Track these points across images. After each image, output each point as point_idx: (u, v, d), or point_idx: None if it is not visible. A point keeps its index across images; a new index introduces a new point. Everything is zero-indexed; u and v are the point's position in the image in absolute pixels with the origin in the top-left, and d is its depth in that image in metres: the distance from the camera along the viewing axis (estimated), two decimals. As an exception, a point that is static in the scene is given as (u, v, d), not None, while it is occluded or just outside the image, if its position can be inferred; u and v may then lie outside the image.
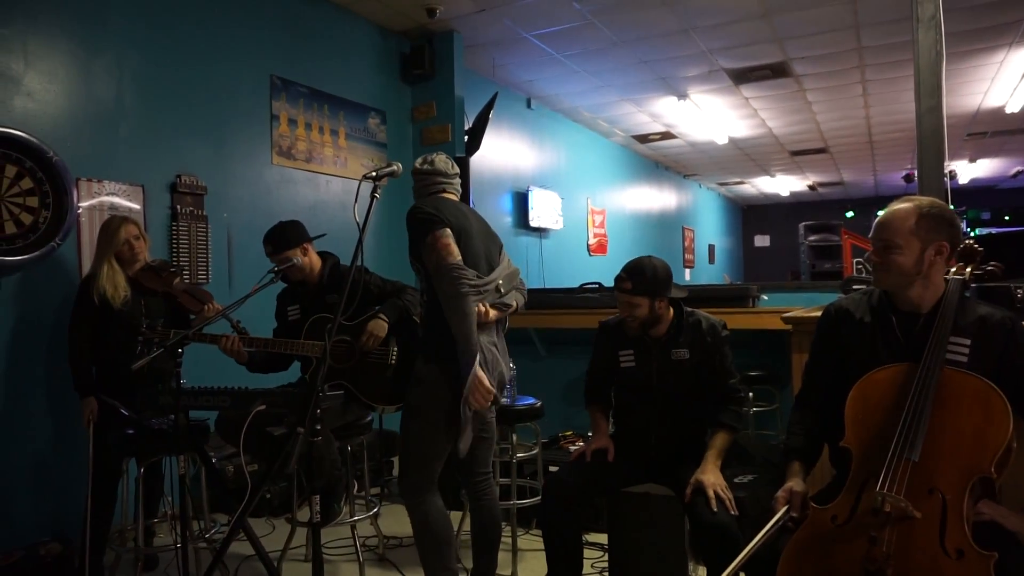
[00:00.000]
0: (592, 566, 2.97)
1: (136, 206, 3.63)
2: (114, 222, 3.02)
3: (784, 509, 1.73)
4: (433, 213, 2.29)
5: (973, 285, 2.07)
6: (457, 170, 2.52)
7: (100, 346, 2.95)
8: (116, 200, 3.55)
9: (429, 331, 2.35)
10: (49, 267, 3.26)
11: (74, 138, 3.38)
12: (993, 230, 10.61)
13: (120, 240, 2.96)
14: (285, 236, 2.90)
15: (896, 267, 1.72)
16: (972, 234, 10.04)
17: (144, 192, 3.68)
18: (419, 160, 2.49)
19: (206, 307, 2.95)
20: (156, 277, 2.97)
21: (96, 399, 2.90)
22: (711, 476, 2.25)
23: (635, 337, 2.48)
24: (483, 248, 2.41)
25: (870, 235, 1.80)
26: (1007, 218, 12.46)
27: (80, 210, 3.37)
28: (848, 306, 1.90)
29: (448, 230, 2.27)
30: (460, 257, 2.25)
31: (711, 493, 2.18)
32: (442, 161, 2.47)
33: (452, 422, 2.27)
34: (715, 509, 2.16)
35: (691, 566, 2.44)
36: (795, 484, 1.79)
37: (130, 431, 2.70)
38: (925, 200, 1.75)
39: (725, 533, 2.10)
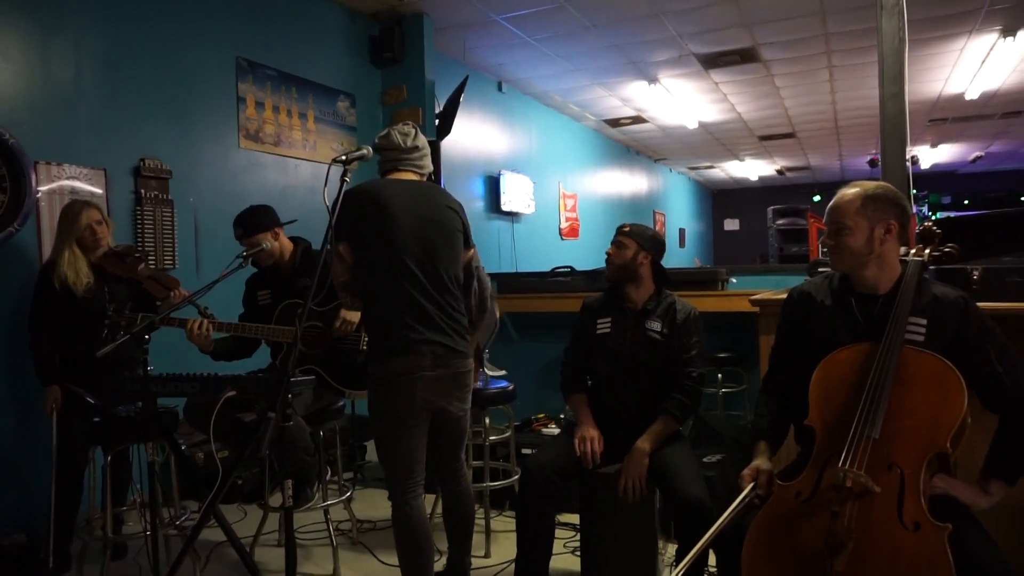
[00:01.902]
0: (564, 545, 3.02)
1: (98, 190, 3.55)
2: (75, 207, 2.95)
3: (751, 487, 1.78)
4: (339, 214, 2.09)
5: (932, 267, 2.13)
6: (419, 143, 2.33)
7: (63, 334, 2.89)
8: (77, 184, 3.46)
9: (367, 329, 2.33)
10: (7, 253, 3.18)
11: (31, 120, 3.29)
12: (952, 214, 10.89)
13: (82, 225, 2.90)
14: (256, 220, 2.87)
15: (847, 249, 1.78)
16: (933, 217, 10.29)
17: (106, 176, 3.59)
18: (379, 134, 2.36)
19: (172, 293, 2.90)
20: (120, 263, 2.90)
21: (61, 387, 2.85)
22: (632, 466, 2.34)
23: (615, 305, 2.57)
24: (416, 235, 2.21)
25: (823, 221, 1.86)
26: (966, 202, 12.81)
27: (39, 194, 3.28)
28: (810, 290, 1.95)
29: (342, 244, 2.19)
30: (343, 277, 2.22)
31: (623, 483, 2.33)
32: (399, 133, 2.31)
33: (407, 417, 2.19)
34: (629, 502, 2.31)
35: (661, 544, 2.49)
36: (761, 463, 1.84)
37: (96, 419, 2.66)
38: (871, 183, 1.82)
39: (699, 508, 2.16)
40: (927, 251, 1.88)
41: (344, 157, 2.08)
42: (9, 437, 3.17)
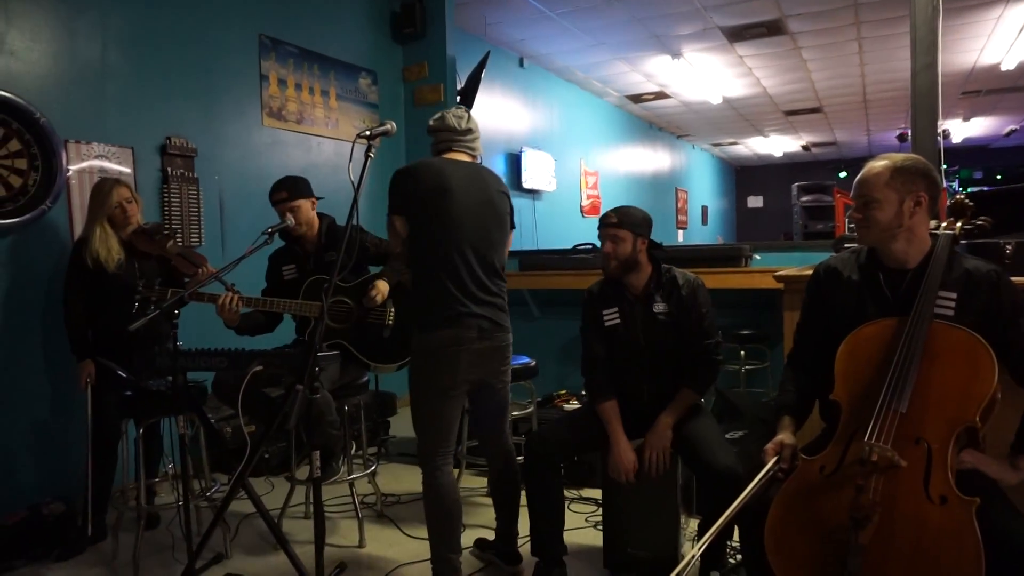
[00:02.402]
0: (586, 520, 3.05)
1: (126, 169, 3.60)
2: (106, 184, 2.99)
3: (774, 460, 1.77)
4: (396, 188, 2.26)
5: (963, 241, 2.09)
6: (472, 126, 2.42)
7: (95, 309, 2.96)
8: (105, 164, 3.51)
9: (414, 301, 2.34)
10: (40, 230, 3.24)
11: (61, 99, 3.33)
12: (985, 188, 10.63)
13: (112, 203, 2.94)
14: (299, 186, 2.93)
15: (876, 222, 1.75)
16: (964, 192, 10.06)
17: (134, 154, 3.63)
18: (434, 116, 2.44)
19: (200, 270, 2.95)
20: (150, 240, 2.95)
21: (93, 362, 2.92)
22: (655, 438, 2.34)
23: (617, 295, 2.50)
24: (472, 215, 2.28)
25: (851, 195, 1.82)
26: (999, 177, 12.49)
27: (70, 172, 3.34)
28: (836, 265, 1.93)
29: (397, 218, 2.26)
30: (398, 248, 2.30)
31: (648, 455, 2.33)
32: (453, 116, 2.39)
33: (450, 388, 2.26)
34: (653, 475, 2.32)
35: (683, 518, 2.50)
36: (785, 436, 1.83)
37: (128, 393, 2.72)
38: (900, 156, 1.78)
39: (730, 477, 2.13)
40: (958, 224, 1.84)
41: (368, 132, 2.08)
42: (45, 410, 3.26)
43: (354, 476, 3.04)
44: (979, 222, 1.84)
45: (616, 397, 2.46)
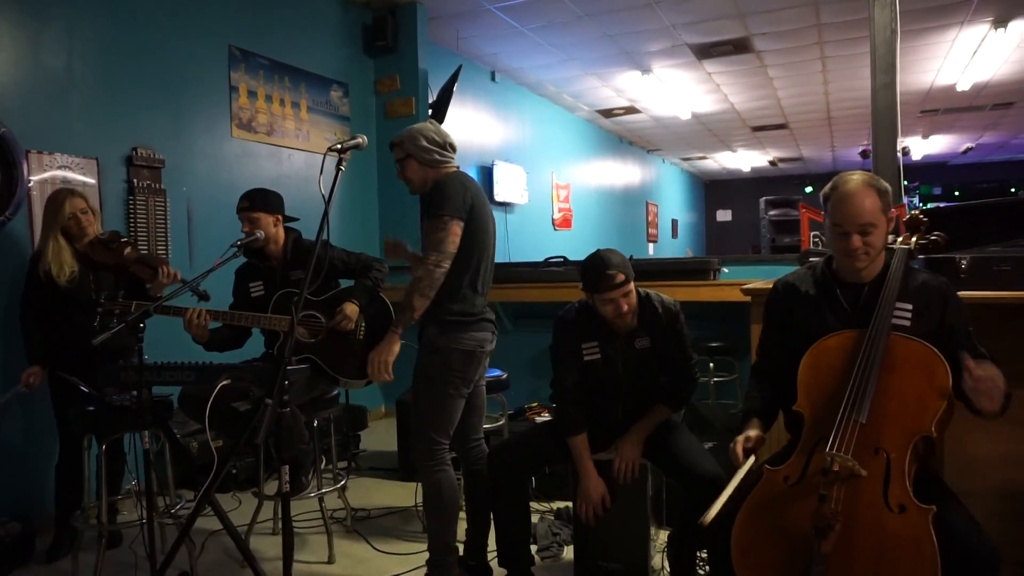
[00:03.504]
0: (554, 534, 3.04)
1: (91, 180, 3.54)
2: (60, 195, 2.93)
3: (751, 459, 1.77)
4: (456, 194, 2.31)
5: (920, 256, 2.16)
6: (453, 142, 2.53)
7: (51, 324, 2.90)
8: (69, 174, 3.44)
9: (439, 300, 2.34)
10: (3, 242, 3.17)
11: (22, 109, 3.27)
12: (941, 204, 10.96)
13: (66, 214, 2.88)
14: (267, 199, 2.89)
15: (875, 248, 1.78)
16: (923, 207, 10.33)
17: (99, 165, 3.58)
18: (429, 126, 2.47)
19: (160, 270, 2.90)
20: (105, 250, 2.89)
21: (52, 374, 2.87)
22: (627, 448, 2.36)
23: (597, 329, 2.39)
24: (488, 230, 2.45)
25: (839, 225, 1.77)
26: (956, 193, 12.88)
27: (31, 183, 3.27)
28: (794, 281, 1.98)
29: (459, 223, 2.31)
30: (454, 250, 2.32)
31: (618, 466, 2.35)
32: (445, 134, 2.47)
33: (463, 386, 2.39)
34: (621, 483, 2.34)
35: (652, 530, 2.52)
36: (752, 431, 1.84)
37: (90, 408, 2.66)
38: (868, 176, 1.80)
39: (714, 484, 2.11)
40: (913, 239, 1.90)
41: (340, 145, 2.08)
42: (4, 426, 3.17)
43: (324, 491, 3.01)
44: (933, 237, 1.90)
45: (586, 429, 2.41)
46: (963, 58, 7.11)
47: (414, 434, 2.43)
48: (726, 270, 4.30)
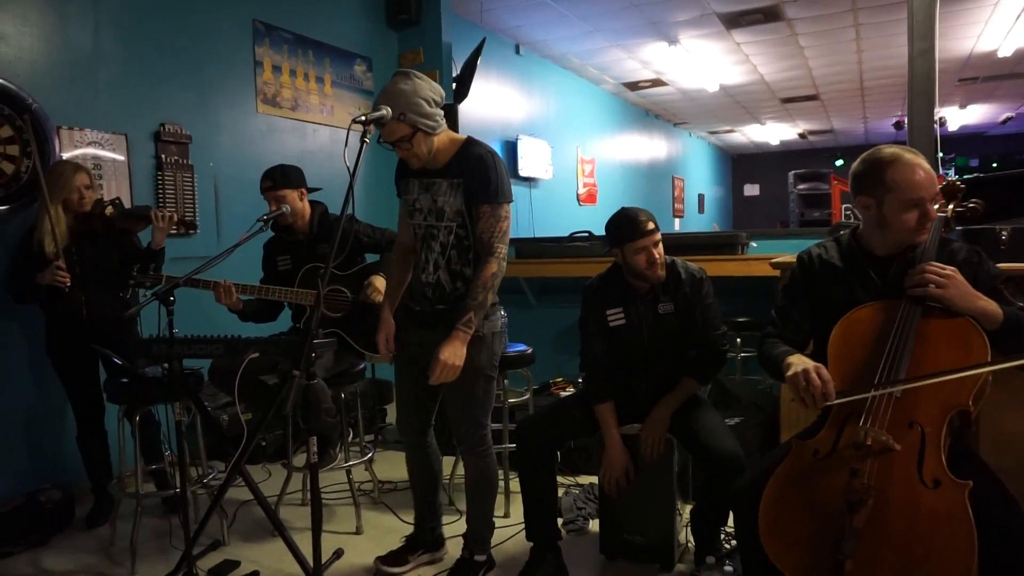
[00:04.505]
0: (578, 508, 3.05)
1: (120, 156, 3.57)
2: (67, 167, 2.93)
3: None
4: (504, 176, 2.22)
5: (958, 228, 2.09)
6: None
7: (54, 296, 2.88)
8: (99, 151, 3.48)
9: None
10: (31, 217, 3.21)
11: (53, 85, 3.30)
12: (980, 175, 10.64)
13: (73, 186, 2.88)
14: (288, 175, 2.89)
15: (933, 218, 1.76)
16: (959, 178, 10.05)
17: (127, 141, 3.61)
18: (421, 84, 2.23)
19: (152, 214, 2.88)
20: (88, 219, 2.89)
21: (53, 348, 2.98)
22: (653, 424, 2.36)
23: (621, 293, 2.43)
24: None
25: (911, 193, 1.70)
26: (994, 165, 12.50)
27: (63, 160, 3.31)
28: (820, 252, 1.93)
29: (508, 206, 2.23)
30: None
31: (644, 441, 2.35)
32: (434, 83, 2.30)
33: (496, 369, 2.34)
34: (648, 459, 2.35)
35: (678, 504, 2.51)
36: (803, 360, 1.70)
37: (124, 380, 2.72)
38: (907, 147, 1.78)
39: (733, 462, 2.17)
40: (950, 207, 1.84)
41: (363, 118, 2.05)
42: (34, 398, 3.25)
43: (351, 463, 3.05)
44: (971, 204, 1.84)
45: (612, 399, 2.43)
46: (1006, 22, 6.85)
47: (462, 423, 2.33)
48: (754, 244, 4.23)
